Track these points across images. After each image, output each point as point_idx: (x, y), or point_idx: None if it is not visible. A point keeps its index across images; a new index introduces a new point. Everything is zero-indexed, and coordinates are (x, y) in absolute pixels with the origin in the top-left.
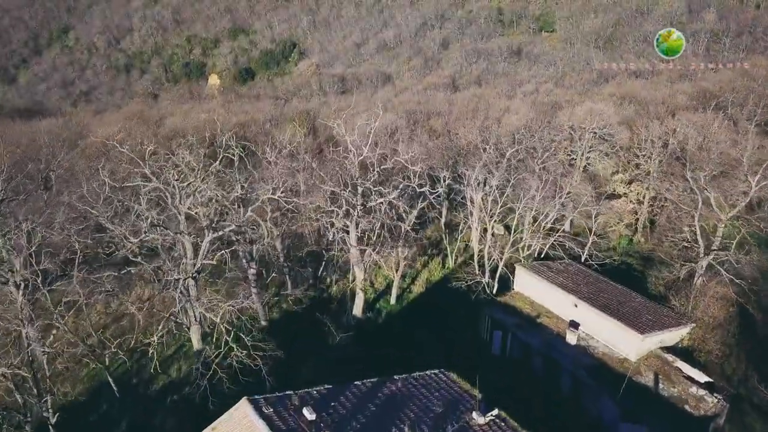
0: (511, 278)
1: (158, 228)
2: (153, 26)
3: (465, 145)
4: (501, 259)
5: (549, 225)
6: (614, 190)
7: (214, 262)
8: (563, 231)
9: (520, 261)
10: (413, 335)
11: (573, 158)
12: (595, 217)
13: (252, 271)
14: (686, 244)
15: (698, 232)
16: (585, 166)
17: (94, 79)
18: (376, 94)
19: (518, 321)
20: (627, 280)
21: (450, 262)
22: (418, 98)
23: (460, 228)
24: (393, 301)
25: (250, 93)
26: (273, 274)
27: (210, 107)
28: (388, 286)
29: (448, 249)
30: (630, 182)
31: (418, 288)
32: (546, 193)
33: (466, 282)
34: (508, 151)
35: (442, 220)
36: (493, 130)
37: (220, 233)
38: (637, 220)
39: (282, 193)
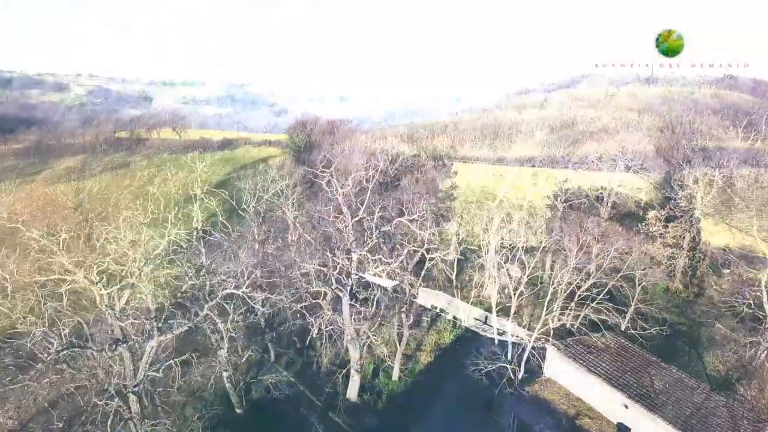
0: (541, 362)
1: (78, 349)
2: None
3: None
4: (529, 341)
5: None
6: (648, 230)
7: (160, 375)
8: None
9: (549, 338)
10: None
11: (600, 194)
12: (639, 281)
13: (222, 352)
14: (747, 309)
15: (765, 299)
16: (613, 202)
17: None
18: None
19: (551, 421)
20: (677, 354)
21: (462, 317)
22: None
23: (474, 282)
24: (395, 376)
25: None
26: (249, 352)
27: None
28: (390, 350)
29: (460, 306)
30: (666, 221)
31: (425, 357)
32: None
33: (486, 368)
34: (528, 191)
35: (453, 274)
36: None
37: (168, 336)
38: (674, 265)
39: (249, 286)
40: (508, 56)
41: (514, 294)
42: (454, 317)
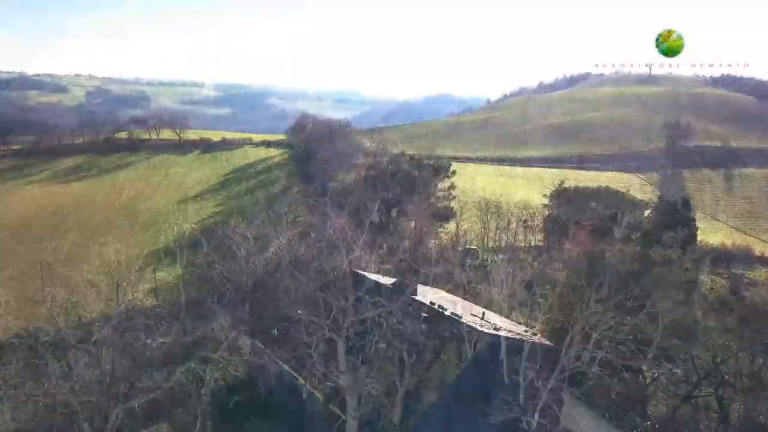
0: (557, 410)
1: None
2: None
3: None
4: (545, 389)
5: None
6: (664, 253)
7: None
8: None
9: (564, 384)
10: None
11: (614, 212)
12: (662, 317)
13: (202, 402)
14: None
15: None
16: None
17: None
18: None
19: None
20: (708, 401)
21: (468, 350)
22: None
23: (482, 313)
24: (396, 419)
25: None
26: (236, 397)
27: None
28: (389, 391)
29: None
30: (683, 243)
31: (428, 394)
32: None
33: (496, 420)
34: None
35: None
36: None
37: (135, 403)
38: (692, 290)
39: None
40: (507, 56)
41: (527, 331)
42: (453, 313)
